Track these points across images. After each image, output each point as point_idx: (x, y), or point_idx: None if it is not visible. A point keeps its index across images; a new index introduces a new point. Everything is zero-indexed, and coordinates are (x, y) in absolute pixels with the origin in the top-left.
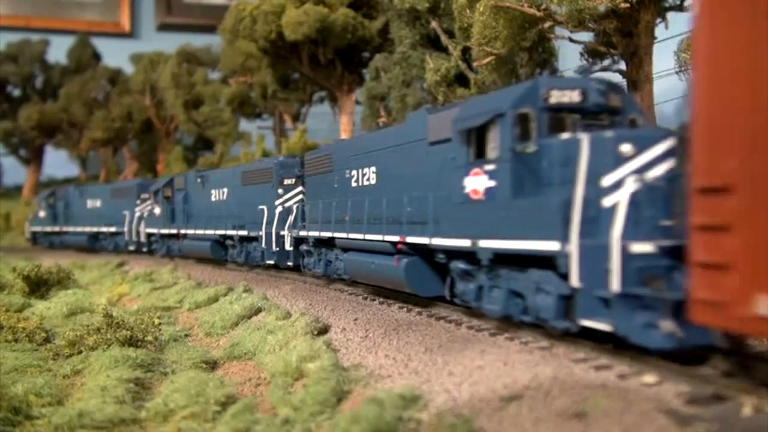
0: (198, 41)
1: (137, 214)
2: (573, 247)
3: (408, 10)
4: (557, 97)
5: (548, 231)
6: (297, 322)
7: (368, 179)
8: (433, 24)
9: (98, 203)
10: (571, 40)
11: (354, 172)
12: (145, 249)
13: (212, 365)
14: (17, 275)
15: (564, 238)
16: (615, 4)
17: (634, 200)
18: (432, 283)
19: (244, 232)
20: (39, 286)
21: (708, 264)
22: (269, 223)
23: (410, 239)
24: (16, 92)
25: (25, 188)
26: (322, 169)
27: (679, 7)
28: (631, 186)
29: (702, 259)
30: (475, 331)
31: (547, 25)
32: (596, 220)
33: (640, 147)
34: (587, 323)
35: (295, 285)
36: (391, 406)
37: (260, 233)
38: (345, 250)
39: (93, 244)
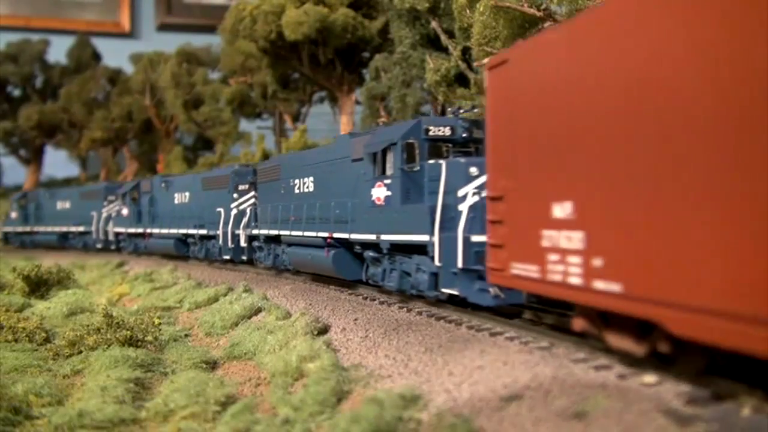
0: (198, 41)
1: (104, 215)
2: (436, 238)
3: (408, 10)
4: (434, 131)
5: (422, 227)
6: (297, 322)
7: (307, 187)
8: (433, 24)
9: (68, 205)
10: None
11: (297, 181)
12: (113, 246)
13: (212, 365)
14: (17, 275)
15: (431, 232)
16: None
17: (473, 207)
18: (353, 269)
19: (204, 231)
20: (39, 286)
21: (493, 244)
22: (226, 223)
23: (336, 235)
24: (16, 92)
25: (25, 188)
26: (272, 178)
27: None
28: (472, 198)
29: (491, 242)
30: (475, 331)
31: (547, 25)
32: (452, 220)
33: (482, 170)
34: (446, 291)
35: (295, 285)
36: (391, 406)
37: (218, 232)
38: (289, 245)
39: (63, 243)
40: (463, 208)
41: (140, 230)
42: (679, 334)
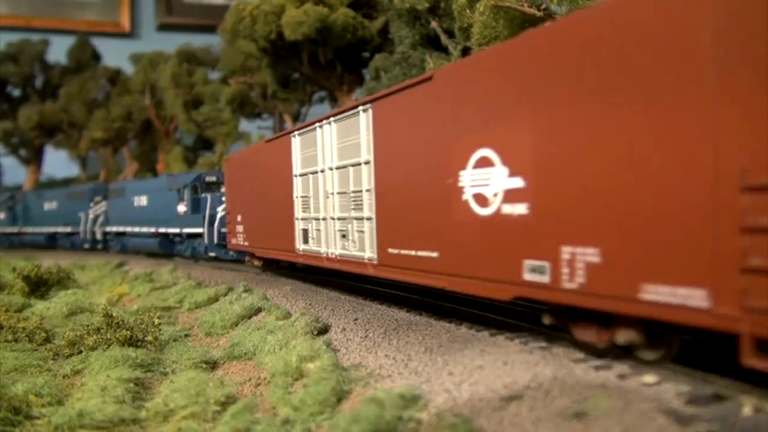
0: (198, 41)
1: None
2: (206, 230)
3: (408, 10)
4: (207, 179)
5: (200, 225)
6: (297, 322)
7: (143, 202)
8: (433, 24)
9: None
10: None
11: (136, 198)
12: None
13: (212, 365)
14: (17, 275)
15: (204, 227)
16: None
17: (222, 216)
18: (169, 247)
19: (69, 229)
20: (39, 286)
21: (228, 232)
22: (85, 223)
23: (160, 230)
24: (16, 92)
25: (25, 188)
26: (119, 195)
27: None
28: (222, 212)
29: (227, 231)
30: (475, 331)
31: (547, 25)
32: (213, 222)
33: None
34: (211, 254)
35: (295, 285)
36: (391, 405)
37: (79, 230)
38: (131, 236)
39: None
40: (218, 216)
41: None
42: (261, 255)
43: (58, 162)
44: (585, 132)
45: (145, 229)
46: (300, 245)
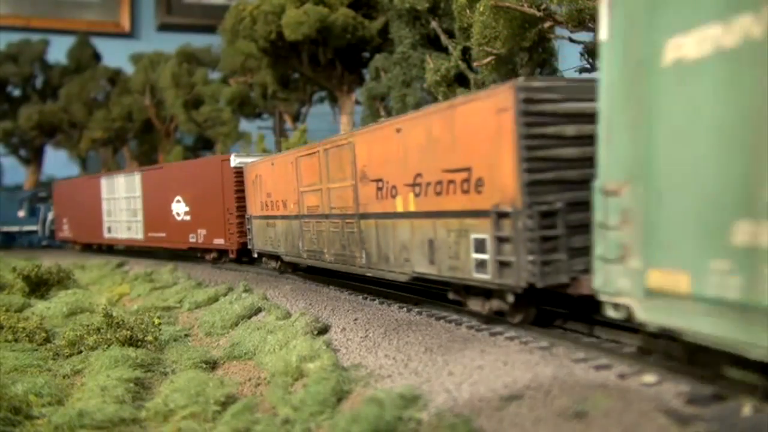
0: (198, 41)
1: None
2: (39, 228)
3: (408, 10)
4: (40, 195)
5: (35, 225)
6: (297, 322)
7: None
8: (433, 24)
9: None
10: (571, 40)
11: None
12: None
13: (212, 365)
14: (17, 275)
15: (38, 226)
16: None
17: (51, 219)
18: (10, 241)
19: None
20: (39, 286)
21: (57, 227)
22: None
23: (3, 229)
24: (16, 92)
25: (25, 188)
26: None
27: None
28: (51, 215)
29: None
30: (475, 331)
31: (547, 25)
32: (44, 222)
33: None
34: (43, 243)
35: (295, 285)
36: (391, 405)
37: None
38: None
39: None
40: (49, 219)
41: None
42: (80, 241)
43: (58, 162)
44: (186, 194)
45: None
46: (105, 234)
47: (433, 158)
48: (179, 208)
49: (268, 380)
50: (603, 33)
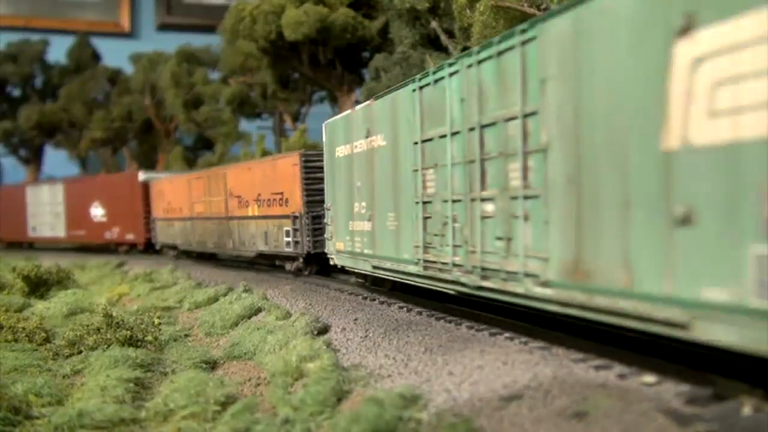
0: (198, 41)
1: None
2: None
3: (408, 10)
4: None
5: None
6: (297, 322)
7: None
8: (433, 24)
9: None
10: None
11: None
12: None
13: (212, 365)
14: (17, 275)
15: None
16: None
17: None
18: None
19: None
20: (39, 286)
21: None
22: None
23: None
24: (16, 92)
25: None
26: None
27: None
28: None
29: None
30: (475, 331)
31: None
32: None
33: None
34: None
35: (295, 285)
36: (391, 405)
37: None
38: None
39: None
40: None
41: None
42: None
43: (58, 162)
44: (103, 201)
45: None
46: (30, 233)
47: (266, 185)
48: (97, 212)
49: (268, 380)
50: (324, 139)
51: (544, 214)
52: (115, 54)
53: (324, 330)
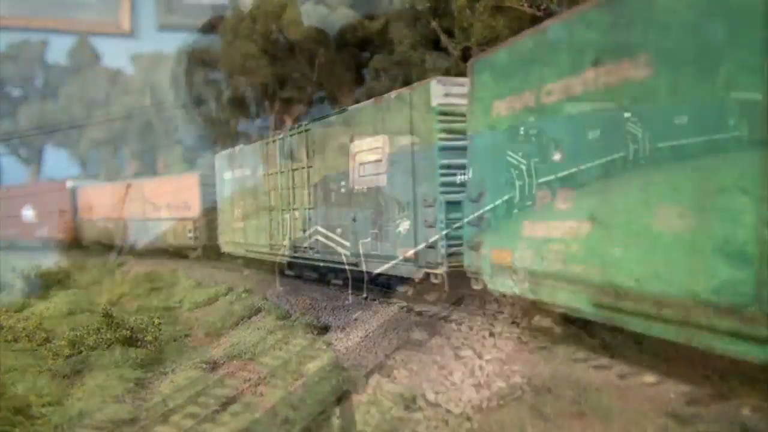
0: (198, 41)
1: None
2: None
3: (408, 10)
4: None
5: None
6: (297, 322)
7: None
8: (433, 24)
9: None
10: None
11: None
12: None
13: (212, 365)
14: (17, 275)
15: None
16: None
17: None
18: None
19: None
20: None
21: None
22: None
23: None
24: (16, 92)
25: None
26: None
27: None
28: None
29: None
30: (476, 331)
31: None
32: None
33: None
34: None
35: (295, 285)
36: (390, 405)
37: None
38: None
39: None
40: None
41: None
42: None
43: (58, 162)
44: (35, 205)
45: None
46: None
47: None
48: (29, 214)
49: (268, 380)
50: (216, 166)
51: (313, 214)
52: (115, 54)
53: (324, 330)
